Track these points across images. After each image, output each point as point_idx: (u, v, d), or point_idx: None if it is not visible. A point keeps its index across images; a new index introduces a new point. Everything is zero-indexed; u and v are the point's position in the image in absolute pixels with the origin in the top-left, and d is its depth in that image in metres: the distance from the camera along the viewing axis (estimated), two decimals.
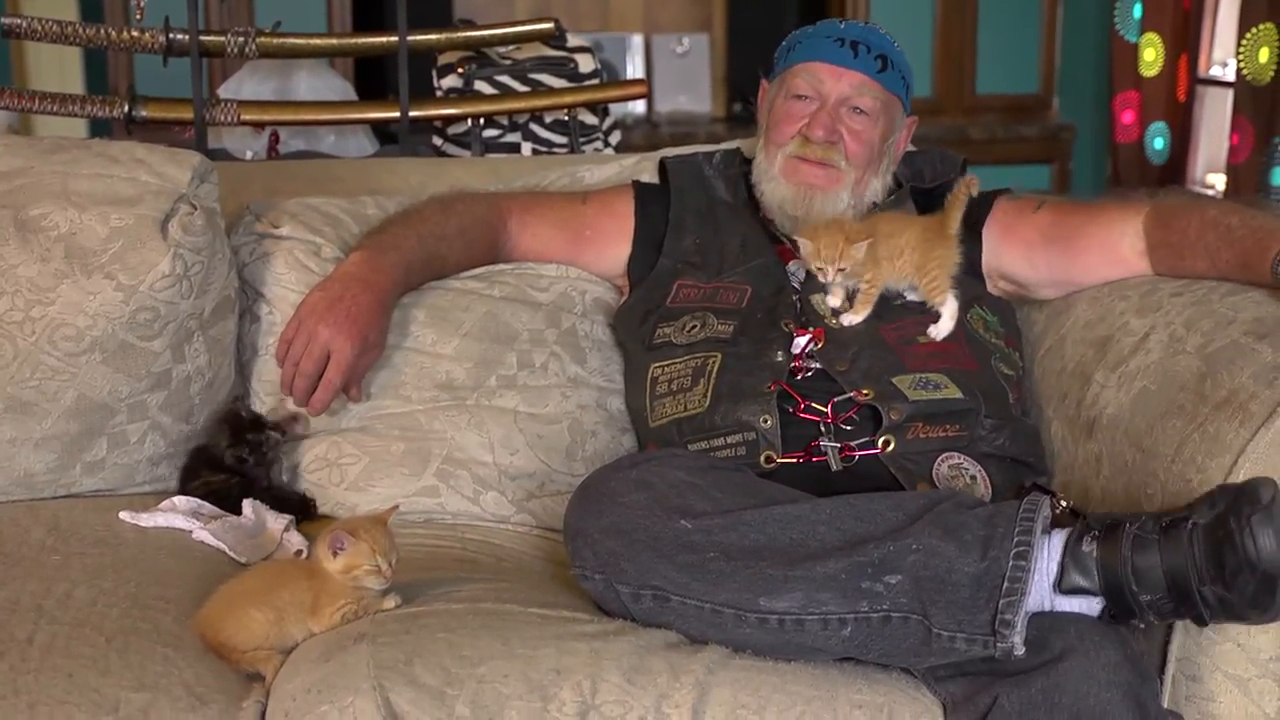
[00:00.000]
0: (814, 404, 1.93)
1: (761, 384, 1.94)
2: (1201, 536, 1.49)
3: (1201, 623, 1.54)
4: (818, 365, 1.97)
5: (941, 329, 2.00)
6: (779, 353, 1.97)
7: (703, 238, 2.17)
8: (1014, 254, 2.11)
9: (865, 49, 2.09)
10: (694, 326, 2.05)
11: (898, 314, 2.01)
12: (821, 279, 1.98)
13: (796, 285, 2.07)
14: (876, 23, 2.19)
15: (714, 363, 1.99)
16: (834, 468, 1.89)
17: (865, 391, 1.92)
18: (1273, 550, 1.46)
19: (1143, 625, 1.56)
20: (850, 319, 1.99)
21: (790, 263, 2.10)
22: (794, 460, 1.90)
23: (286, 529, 1.93)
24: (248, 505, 1.97)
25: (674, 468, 1.70)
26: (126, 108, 2.80)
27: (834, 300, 1.99)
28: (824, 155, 2.09)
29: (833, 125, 2.08)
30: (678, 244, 2.18)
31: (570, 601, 1.70)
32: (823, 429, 1.91)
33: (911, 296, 2.03)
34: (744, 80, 5.03)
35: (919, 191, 2.17)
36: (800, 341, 1.99)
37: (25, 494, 1.98)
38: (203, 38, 2.79)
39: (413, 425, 2.06)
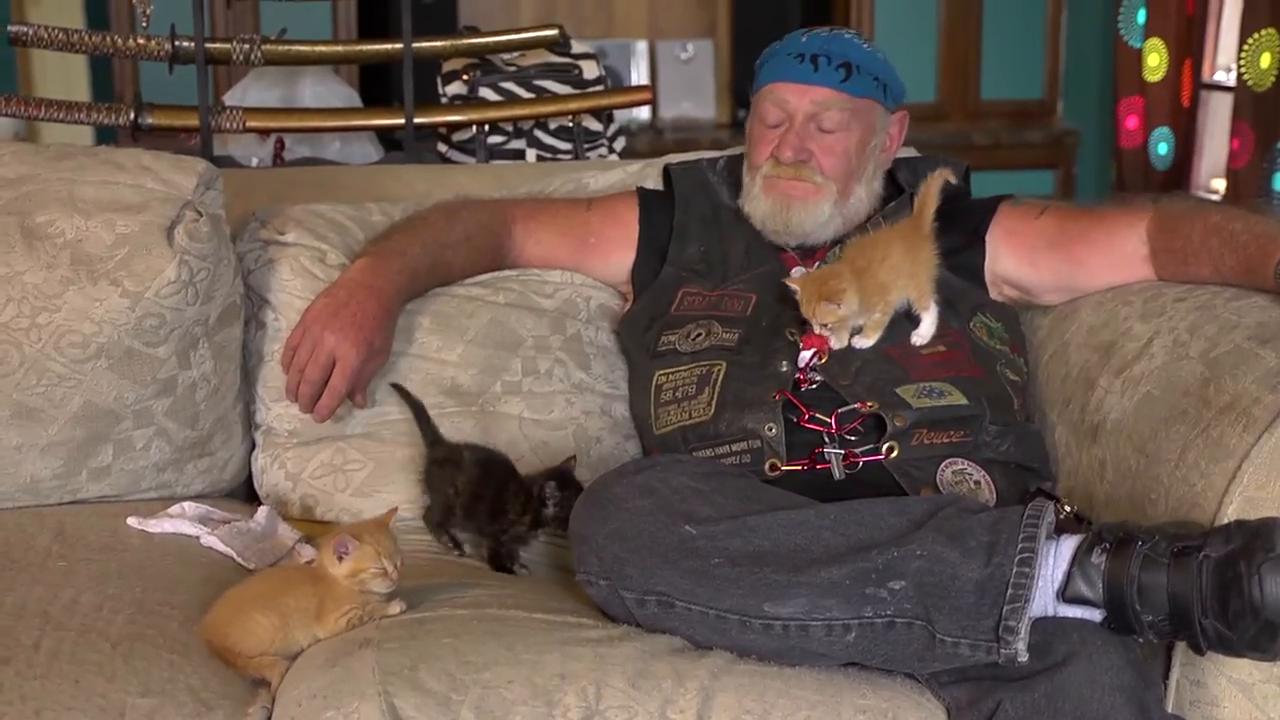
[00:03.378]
0: (818, 414, 1.93)
1: (766, 393, 1.94)
2: (1211, 570, 1.49)
3: (1198, 651, 1.53)
4: (821, 378, 1.97)
5: (924, 333, 1.99)
6: (784, 363, 1.98)
7: (707, 245, 2.17)
8: (1017, 259, 2.11)
9: (826, 60, 2.08)
10: (699, 334, 2.05)
11: (900, 331, 2.00)
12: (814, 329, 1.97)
13: None
14: (847, 27, 2.17)
15: (719, 371, 1.99)
16: (837, 476, 1.89)
17: (869, 404, 1.92)
18: (1278, 600, 1.45)
19: (1141, 641, 1.57)
20: (861, 342, 1.98)
21: (794, 269, 2.10)
22: (798, 468, 1.90)
23: (299, 540, 1.93)
24: (261, 511, 1.98)
25: (678, 473, 1.70)
26: (132, 115, 2.80)
27: (837, 343, 1.97)
28: (797, 174, 2.09)
29: (801, 144, 2.08)
30: (682, 251, 2.18)
31: (575, 607, 1.71)
32: (827, 439, 1.92)
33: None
34: (748, 87, 5.02)
35: None
36: (805, 355, 1.99)
37: (31, 500, 1.99)
38: (208, 45, 2.80)
39: (418, 431, 2.06)
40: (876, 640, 1.56)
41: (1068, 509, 1.79)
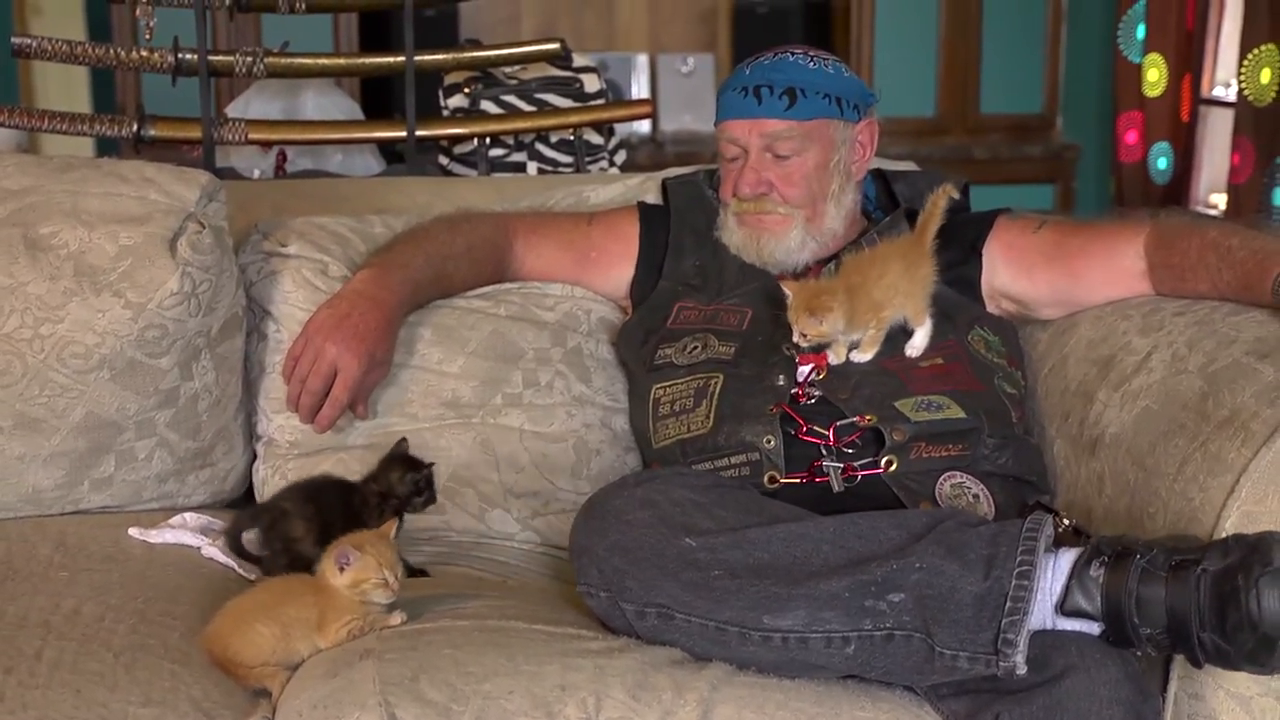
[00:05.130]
0: (816, 427, 1.93)
1: (764, 406, 1.95)
2: (1209, 584, 1.50)
3: (1196, 664, 1.54)
4: (819, 393, 1.97)
5: (918, 344, 1.99)
6: (780, 377, 1.98)
7: (702, 259, 2.17)
8: (1015, 273, 2.12)
9: (769, 90, 2.06)
10: (695, 348, 2.06)
11: (899, 344, 2.00)
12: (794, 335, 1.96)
13: None
14: (802, 49, 2.12)
15: (716, 384, 2.00)
16: (836, 489, 1.89)
17: (868, 417, 1.92)
18: (1275, 614, 1.46)
19: (1139, 654, 1.57)
20: (859, 357, 1.98)
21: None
22: (797, 480, 1.91)
23: None
24: None
25: (678, 486, 1.71)
26: (135, 127, 2.81)
27: (835, 359, 1.98)
28: (758, 208, 2.09)
29: (758, 178, 2.08)
30: (677, 265, 2.19)
31: (575, 619, 1.71)
32: (824, 451, 1.92)
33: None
34: None
35: (914, 213, 2.17)
36: (804, 370, 1.99)
37: (33, 510, 1.99)
38: (211, 58, 2.80)
39: (419, 443, 2.06)
40: (875, 652, 1.56)
41: (1067, 522, 1.80)
